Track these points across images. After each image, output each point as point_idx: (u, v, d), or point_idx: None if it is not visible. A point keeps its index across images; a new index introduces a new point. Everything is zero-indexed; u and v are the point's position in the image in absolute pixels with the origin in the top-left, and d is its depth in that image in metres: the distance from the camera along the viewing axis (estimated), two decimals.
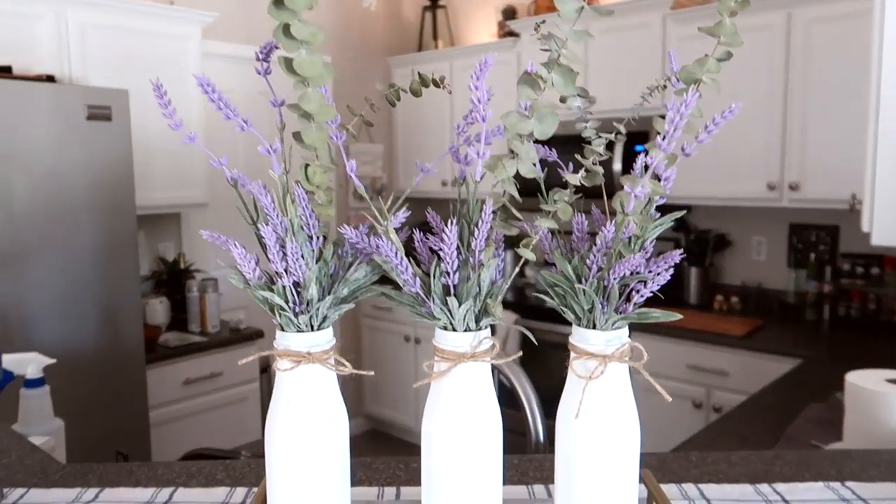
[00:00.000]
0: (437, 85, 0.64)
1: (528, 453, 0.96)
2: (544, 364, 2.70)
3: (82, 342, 2.35)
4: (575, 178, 0.54)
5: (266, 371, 3.18)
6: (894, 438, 1.00)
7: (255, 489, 0.79)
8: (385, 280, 0.59)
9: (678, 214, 0.59)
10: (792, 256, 3.11)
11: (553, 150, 0.63)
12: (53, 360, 1.29)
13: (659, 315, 0.56)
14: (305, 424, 0.58)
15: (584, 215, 0.60)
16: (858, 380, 1.08)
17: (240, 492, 0.79)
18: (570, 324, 0.60)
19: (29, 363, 1.27)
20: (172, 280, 3.05)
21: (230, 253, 0.55)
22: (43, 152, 2.21)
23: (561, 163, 0.61)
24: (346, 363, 0.57)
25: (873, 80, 1.48)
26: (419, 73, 0.63)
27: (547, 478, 0.82)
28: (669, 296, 3.22)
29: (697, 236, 3.27)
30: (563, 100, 0.60)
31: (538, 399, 0.99)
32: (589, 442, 0.58)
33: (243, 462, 0.88)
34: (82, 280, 2.34)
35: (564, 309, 0.59)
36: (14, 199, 2.17)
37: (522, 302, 3.38)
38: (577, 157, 0.56)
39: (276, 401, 0.59)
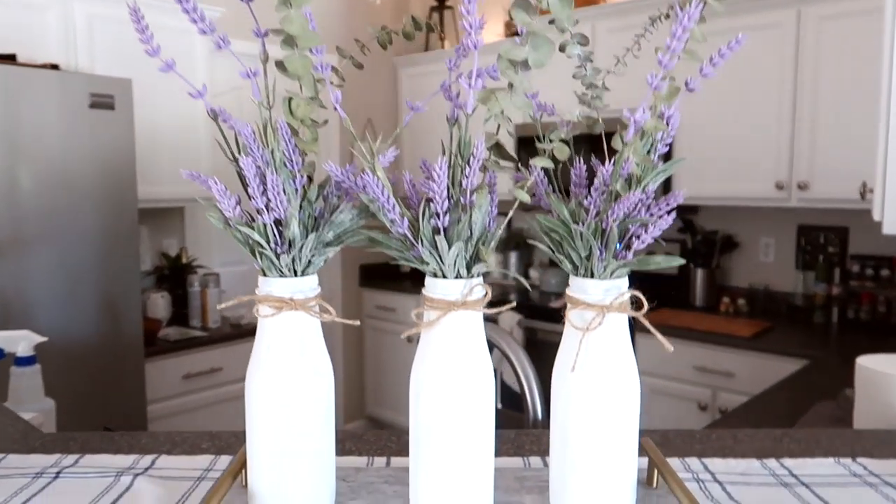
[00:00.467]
0: (430, 29, 0.62)
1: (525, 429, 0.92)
2: (549, 365, 2.65)
3: (81, 333, 2.33)
4: (571, 115, 0.52)
5: None
6: None
7: None
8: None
9: (679, 161, 0.56)
10: (800, 258, 3.07)
11: (553, 106, 0.61)
12: (45, 339, 1.27)
13: (661, 260, 0.53)
14: (288, 373, 0.55)
15: (581, 159, 0.57)
16: (870, 363, 1.05)
17: (224, 459, 0.76)
18: None
19: (20, 340, 1.25)
20: (175, 275, 3.03)
21: (210, 191, 0.53)
22: (45, 140, 2.20)
23: (555, 112, 0.58)
24: (331, 309, 0.54)
25: (885, 66, 1.45)
26: (413, 16, 0.61)
27: (544, 451, 0.79)
28: (675, 297, 3.18)
29: (704, 237, 3.23)
30: (562, 48, 0.58)
31: (537, 377, 0.96)
32: (586, 397, 0.55)
33: (230, 433, 0.85)
34: (82, 270, 2.32)
35: (561, 258, 0.56)
36: (16, 186, 2.16)
37: (526, 302, 3.34)
38: (574, 92, 0.53)
39: (257, 349, 0.56)
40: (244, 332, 2.90)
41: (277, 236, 0.52)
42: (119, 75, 2.50)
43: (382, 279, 3.97)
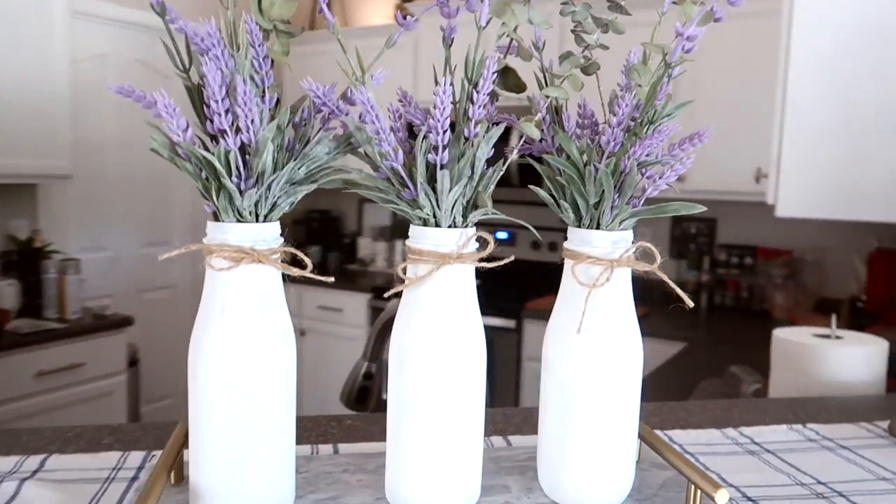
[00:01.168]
0: None
1: None
2: None
3: None
4: (592, 37, 0.45)
5: (135, 364, 2.88)
6: (824, 389, 1.00)
7: (155, 454, 0.64)
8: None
9: (689, 102, 0.52)
10: (674, 247, 3.24)
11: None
12: None
13: (679, 207, 0.49)
14: (247, 341, 0.45)
15: (585, 102, 0.51)
16: (787, 335, 1.08)
17: (136, 456, 0.63)
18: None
19: None
20: (25, 261, 2.68)
21: (152, 111, 0.41)
22: None
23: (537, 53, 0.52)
24: (306, 259, 0.44)
25: (781, 60, 1.53)
26: None
27: (501, 430, 0.73)
28: (550, 289, 3.25)
29: None
30: None
31: None
32: (592, 360, 0.50)
33: (135, 426, 0.72)
34: None
35: (565, 205, 0.50)
36: None
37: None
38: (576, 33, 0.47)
39: (206, 312, 0.45)
40: (110, 323, 2.62)
41: (242, 167, 0.42)
42: None
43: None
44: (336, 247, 3.82)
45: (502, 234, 3.26)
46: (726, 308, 3.06)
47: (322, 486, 0.54)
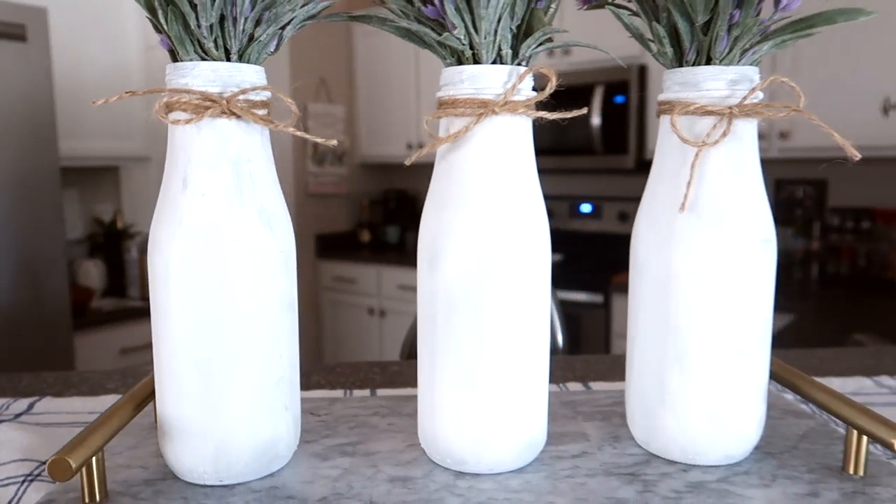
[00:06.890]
0: None
1: None
2: None
3: None
4: None
5: None
6: None
7: None
8: None
9: None
10: (778, 214, 2.95)
11: None
12: None
13: (833, 15, 0.33)
14: (219, 222, 0.33)
15: None
16: None
17: None
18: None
19: None
20: (110, 242, 2.73)
21: None
22: None
23: None
24: (295, 109, 0.32)
25: None
26: None
27: (582, 376, 0.59)
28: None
29: None
30: None
31: (556, 295, 0.76)
32: (701, 250, 0.35)
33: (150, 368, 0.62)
34: None
35: (660, 32, 0.35)
36: None
37: None
38: None
39: (168, 186, 0.33)
40: None
41: None
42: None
43: (340, 250, 3.73)
44: (414, 226, 3.74)
45: (586, 207, 3.04)
46: (841, 278, 2.76)
47: (342, 429, 0.42)
